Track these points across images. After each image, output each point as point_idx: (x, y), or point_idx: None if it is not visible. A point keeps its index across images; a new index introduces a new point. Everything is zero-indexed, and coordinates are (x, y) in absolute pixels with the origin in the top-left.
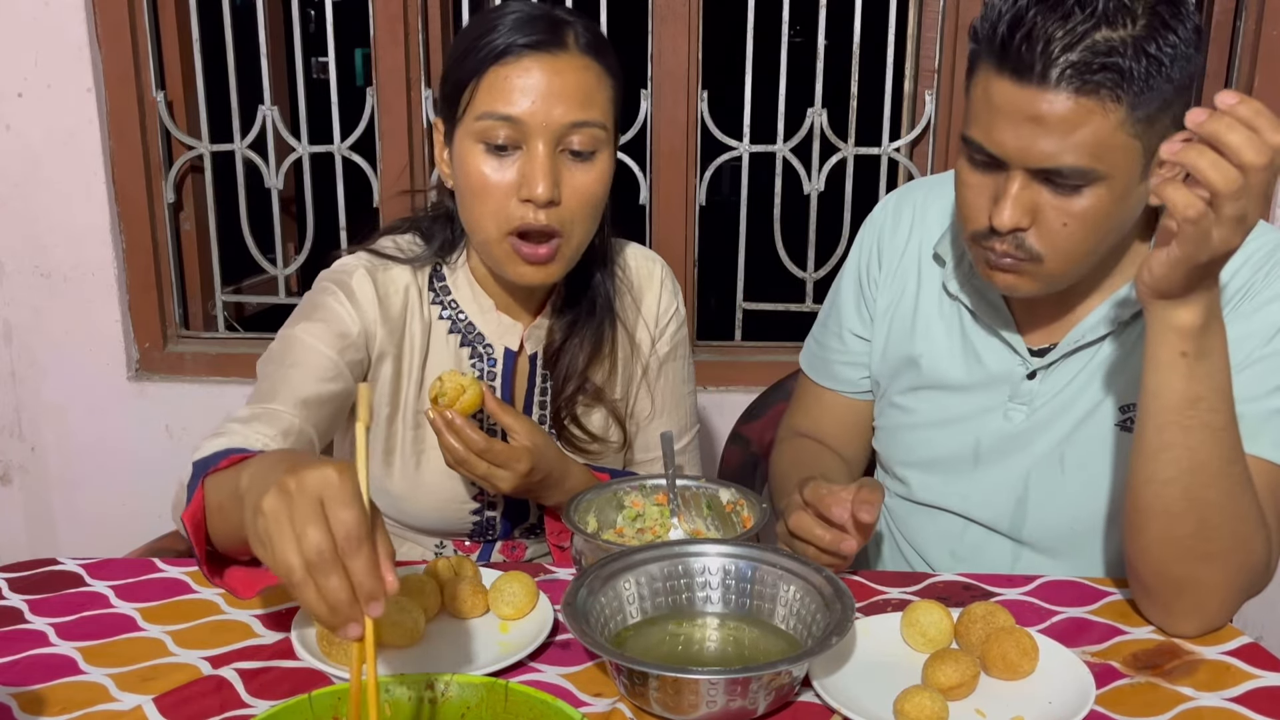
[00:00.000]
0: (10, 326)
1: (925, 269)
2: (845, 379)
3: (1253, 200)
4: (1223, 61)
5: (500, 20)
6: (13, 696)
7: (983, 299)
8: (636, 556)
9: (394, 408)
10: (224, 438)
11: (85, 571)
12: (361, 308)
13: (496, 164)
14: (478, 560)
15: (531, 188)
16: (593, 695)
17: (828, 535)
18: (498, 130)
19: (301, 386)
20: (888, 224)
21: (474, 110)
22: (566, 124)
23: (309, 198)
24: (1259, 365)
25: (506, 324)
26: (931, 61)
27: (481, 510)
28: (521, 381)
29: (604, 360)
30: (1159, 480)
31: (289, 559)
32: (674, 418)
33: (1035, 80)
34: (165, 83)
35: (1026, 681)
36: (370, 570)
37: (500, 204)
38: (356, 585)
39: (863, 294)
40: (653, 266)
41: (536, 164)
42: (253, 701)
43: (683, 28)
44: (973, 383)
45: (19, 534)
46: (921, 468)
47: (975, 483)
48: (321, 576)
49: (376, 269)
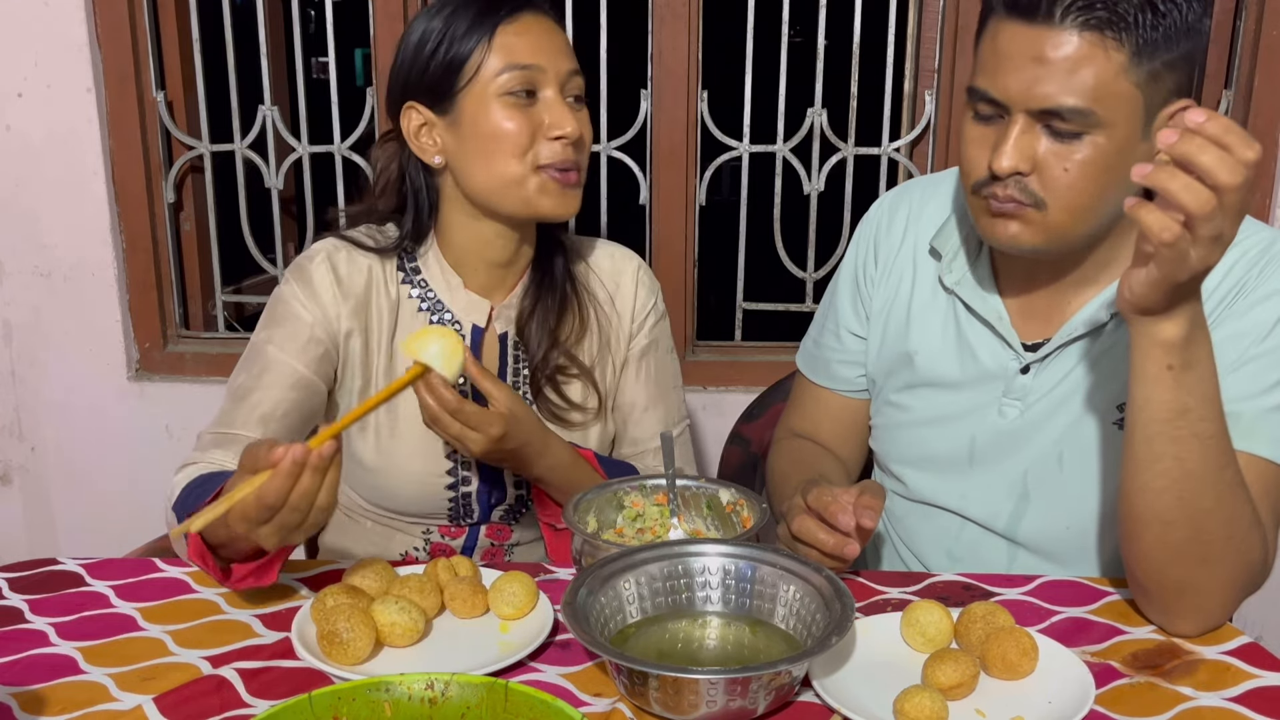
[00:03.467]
0: (10, 326)
1: (921, 265)
2: (842, 378)
3: (1228, 218)
4: (1223, 61)
5: (470, 2)
6: (13, 696)
7: (977, 292)
8: (636, 556)
9: (365, 380)
10: (193, 467)
11: (85, 571)
12: (318, 297)
13: (520, 112)
14: (463, 547)
15: (563, 126)
16: (593, 695)
17: (831, 540)
18: (524, 79)
19: (263, 402)
20: (883, 222)
21: (489, 70)
22: (568, 70)
23: (309, 198)
24: (1254, 363)
25: (474, 300)
26: (931, 61)
27: (456, 486)
28: (491, 358)
29: (574, 323)
30: (1151, 490)
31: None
32: (658, 412)
33: (1041, 18)
34: (165, 83)
35: (1026, 681)
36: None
37: (528, 145)
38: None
39: (859, 292)
40: (626, 263)
41: (560, 107)
42: (253, 701)
43: (683, 28)
44: (966, 379)
45: (19, 534)
46: (918, 466)
47: (972, 481)
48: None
49: (338, 251)
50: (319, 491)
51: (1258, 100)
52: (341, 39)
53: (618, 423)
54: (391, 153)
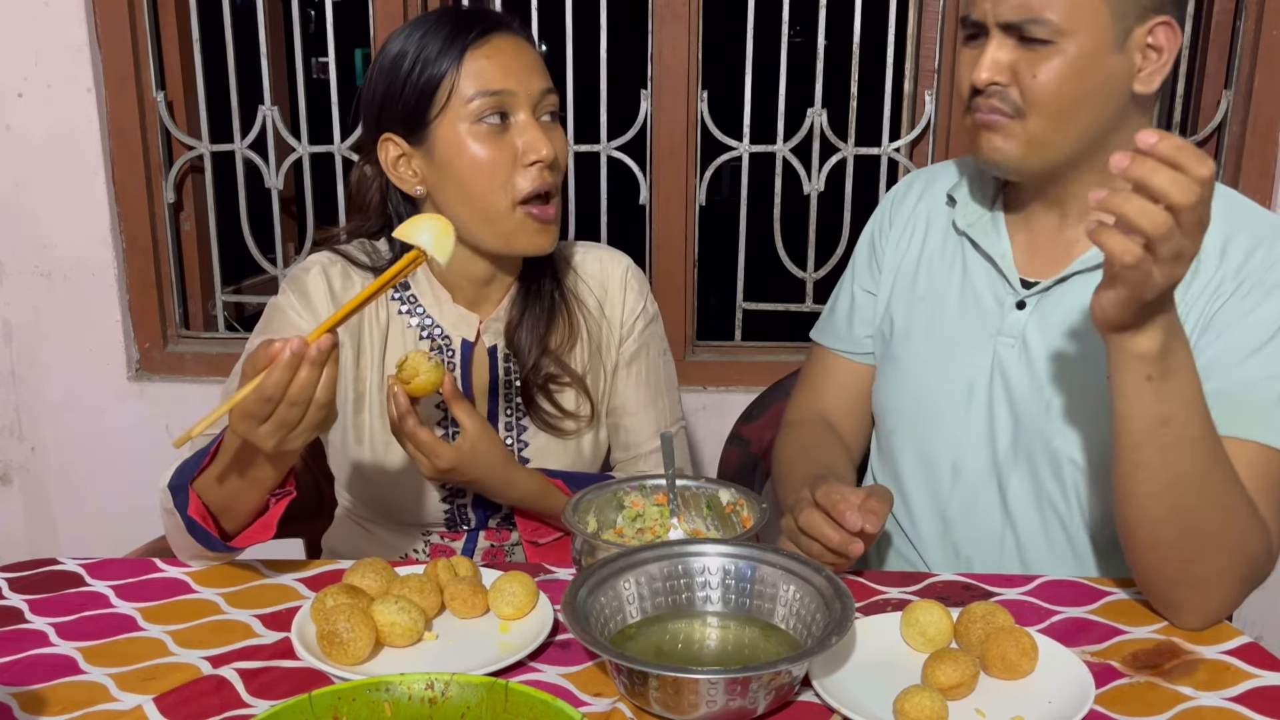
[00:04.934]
0: (10, 326)
1: (935, 216)
2: (851, 337)
3: (1188, 236)
4: (1222, 61)
5: (440, 23)
6: (13, 696)
7: (987, 232)
8: (636, 556)
9: (357, 394)
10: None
11: (85, 571)
12: (315, 309)
13: (495, 140)
14: (463, 549)
15: (538, 150)
16: (593, 695)
17: (837, 536)
18: (495, 104)
19: None
20: (899, 192)
21: (460, 97)
22: (540, 91)
23: (309, 198)
24: (1271, 347)
25: (463, 315)
26: (931, 61)
27: (452, 498)
28: (481, 372)
29: (564, 332)
30: (1140, 494)
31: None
32: (651, 416)
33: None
34: (165, 83)
35: (1026, 681)
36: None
37: (506, 176)
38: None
39: (874, 251)
40: (614, 267)
41: (533, 130)
42: (253, 701)
43: (683, 28)
44: (966, 317)
45: (19, 534)
46: (916, 416)
47: (968, 428)
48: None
49: (333, 264)
50: (317, 386)
51: (1258, 100)
52: (341, 39)
53: (611, 427)
54: (370, 177)
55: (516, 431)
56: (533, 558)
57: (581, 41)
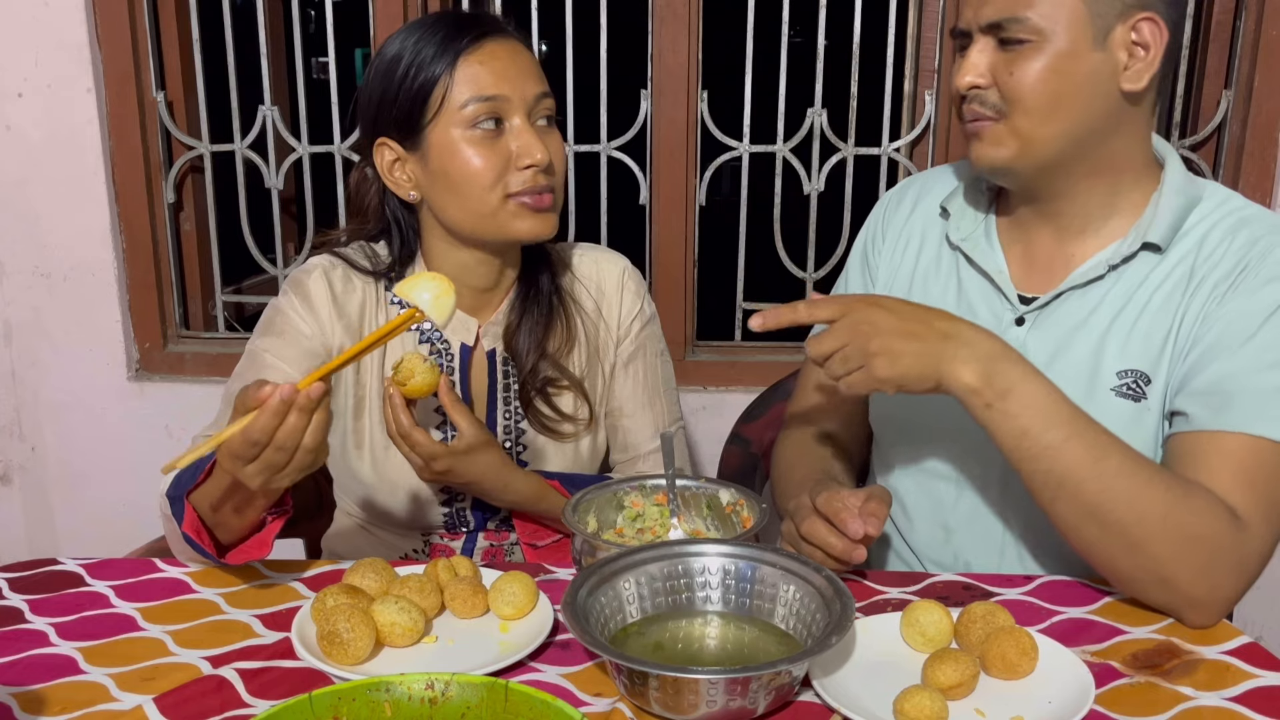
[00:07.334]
0: (10, 326)
1: (929, 229)
2: None
3: (856, 349)
4: (1223, 61)
5: (435, 27)
6: (13, 696)
7: (981, 246)
8: (636, 556)
9: (357, 399)
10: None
11: (85, 571)
12: (316, 310)
13: (489, 145)
14: (463, 550)
15: (532, 154)
16: (593, 695)
17: (840, 544)
18: (489, 110)
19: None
20: (893, 200)
21: (454, 103)
22: (535, 95)
23: (309, 198)
24: (1256, 340)
25: (462, 319)
26: (931, 61)
27: (450, 502)
28: (480, 376)
29: (562, 335)
30: (1046, 504)
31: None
32: (649, 417)
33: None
34: (165, 83)
35: (1026, 681)
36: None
37: (499, 176)
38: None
39: (867, 263)
40: (611, 269)
41: (528, 134)
42: (253, 701)
43: (683, 28)
44: None
45: (19, 534)
46: (916, 433)
47: (968, 441)
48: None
49: (335, 268)
50: (305, 432)
51: (1258, 100)
52: (341, 39)
53: (609, 429)
54: (369, 180)
55: (515, 435)
56: (531, 560)
57: (581, 41)
